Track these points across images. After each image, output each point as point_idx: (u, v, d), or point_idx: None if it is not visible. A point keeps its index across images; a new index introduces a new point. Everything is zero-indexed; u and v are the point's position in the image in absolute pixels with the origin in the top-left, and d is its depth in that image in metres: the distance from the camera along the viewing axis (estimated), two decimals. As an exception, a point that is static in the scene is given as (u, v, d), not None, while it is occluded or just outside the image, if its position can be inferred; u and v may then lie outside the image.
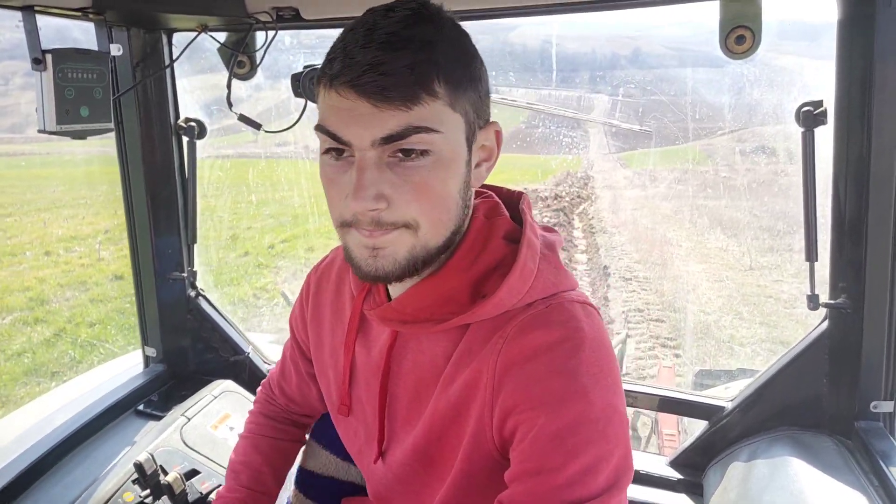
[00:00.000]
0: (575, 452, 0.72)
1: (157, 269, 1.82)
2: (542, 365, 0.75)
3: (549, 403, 0.73)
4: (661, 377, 5.86)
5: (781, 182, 7.53)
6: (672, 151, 11.63)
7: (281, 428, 1.20)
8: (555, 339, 0.76)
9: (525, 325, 0.78)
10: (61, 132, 1.26)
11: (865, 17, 1.21)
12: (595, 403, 0.73)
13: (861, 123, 1.26)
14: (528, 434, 0.74)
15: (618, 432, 0.74)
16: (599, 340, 0.77)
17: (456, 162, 0.75)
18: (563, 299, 0.80)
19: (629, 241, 9.37)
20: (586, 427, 0.72)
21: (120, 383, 1.80)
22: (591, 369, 0.74)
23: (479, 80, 0.78)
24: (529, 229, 0.83)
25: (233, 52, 1.54)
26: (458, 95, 0.74)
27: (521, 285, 0.79)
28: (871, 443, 1.31)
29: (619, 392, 0.77)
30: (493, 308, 0.79)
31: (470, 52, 0.77)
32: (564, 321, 0.77)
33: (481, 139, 0.80)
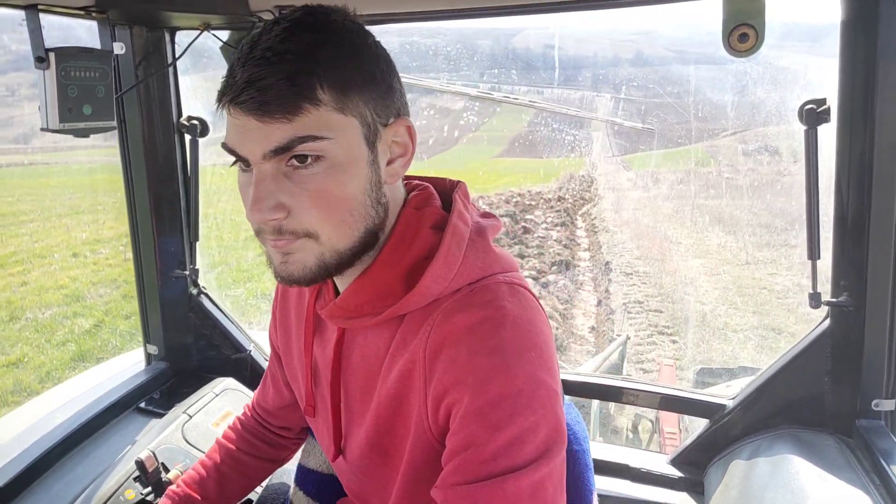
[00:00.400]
0: (498, 425, 0.72)
1: (160, 267, 1.82)
2: (464, 346, 0.75)
3: (473, 382, 0.74)
4: (662, 375, 5.87)
5: (782, 181, 7.77)
6: (674, 153, 11.65)
7: (250, 441, 1.20)
8: (476, 320, 0.76)
9: (449, 310, 0.78)
10: (64, 130, 1.26)
11: (869, 16, 1.21)
12: (517, 377, 0.73)
13: (864, 121, 1.26)
14: (456, 415, 0.75)
15: (545, 404, 0.74)
16: (525, 318, 0.77)
17: (354, 164, 0.76)
18: (490, 282, 0.81)
19: (630, 239, 9.56)
20: (509, 400, 0.73)
21: (122, 381, 1.80)
22: (513, 345, 0.75)
23: (377, 79, 0.78)
24: (457, 217, 0.83)
25: (235, 51, 1.54)
26: (347, 99, 0.74)
27: (445, 272, 0.80)
28: (872, 441, 1.31)
29: (546, 366, 0.76)
30: (420, 297, 0.80)
31: (361, 53, 0.77)
32: (486, 301, 0.78)
33: (388, 136, 0.80)
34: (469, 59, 13.14)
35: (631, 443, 4.51)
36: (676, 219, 10.01)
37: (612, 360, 5.64)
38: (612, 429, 4.68)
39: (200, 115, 1.75)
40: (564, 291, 7.85)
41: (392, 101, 0.80)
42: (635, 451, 1.70)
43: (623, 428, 4.76)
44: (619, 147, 14.73)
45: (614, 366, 5.65)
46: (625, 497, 1.56)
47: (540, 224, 10.42)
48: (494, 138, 18.07)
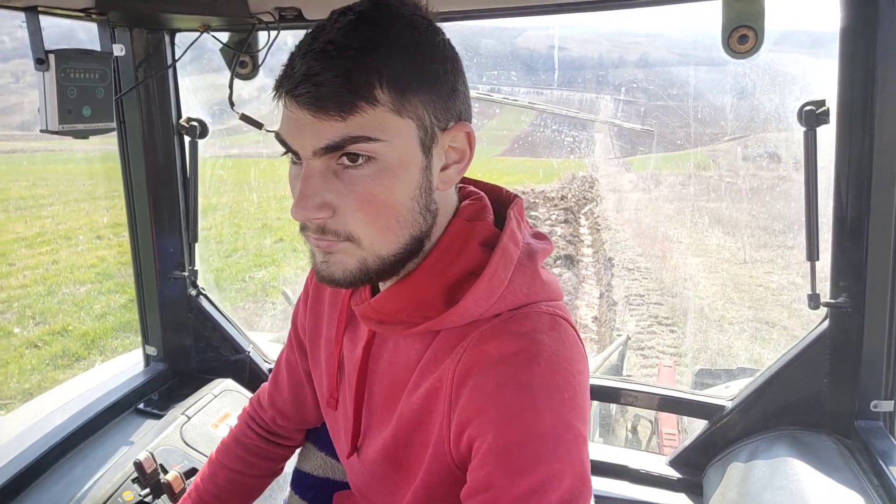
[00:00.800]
0: (521, 470, 0.68)
1: (159, 267, 1.82)
2: (493, 377, 0.72)
3: (497, 418, 0.70)
4: (661, 377, 5.87)
5: (781, 186, 7.94)
6: (676, 157, 11.72)
7: (250, 461, 1.17)
8: (510, 351, 0.73)
9: (484, 336, 0.75)
10: (63, 132, 1.26)
11: (868, 17, 1.22)
12: (544, 419, 0.69)
13: (863, 123, 1.26)
14: (479, 449, 0.71)
15: (571, 451, 0.70)
16: (561, 354, 0.74)
17: (406, 169, 0.73)
18: (531, 310, 0.77)
19: (632, 237, 9.84)
20: (534, 443, 0.69)
21: (120, 382, 1.80)
22: (545, 383, 0.71)
23: (438, 82, 0.74)
24: (509, 236, 0.80)
25: (235, 53, 1.54)
26: (406, 100, 0.71)
27: (488, 295, 0.77)
28: (871, 442, 1.31)
29: (577, 409, 0.72)
30: (458, 317, 0.77)
31: (424, 52, 0.73)
32: (524, 332, 0.74)
33: (446, 141, 0.76)
34: (468, 61, 13.13)
35: (630, 444, 4.51)
36: (677, 220, 10.27)
37: (612, 360, 5.65)
38: (611, 429, 4.68)
39: (200, 116, 1.76)
40: (569, 284, 8.26)
41: (454, 104, 0.76)
42: (634, 452, 1.70)
43: (622, 429, 4.76)
44: (621, 149, 14.79)
45: (614, 366, 5.66)
46: (623, 498, 1.56)
47: (544, 221, 10.76)
48: (496, 138, 18.12)
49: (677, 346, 6.65)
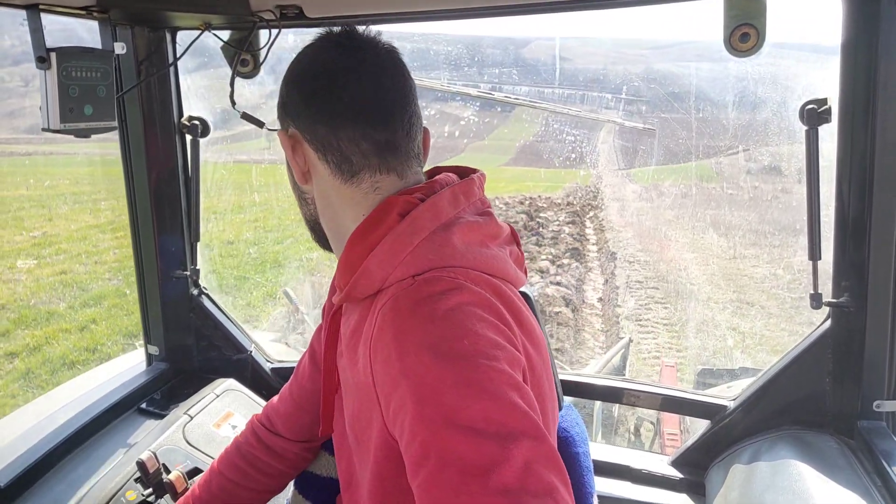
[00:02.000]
0: (444, 425, 0.67)
1: (161, 267, 1.82)
2: (395, 348, 0.73)
3: (408, 384, 0.71)
4: (663, 377, 5.87)
5: (781, 198, 8.83)
6: (679, 168, 12.04)
7: (247, 472, 1.18)
8: (405, 317, 0.75)
9: (388, 303, 0.78)
10: (65, 130, 1.26)
11: (870, 16, 1.21)
12: (448, 369, 0.70)
13: (865, 122, 1.26)
14: (405, 422, 0.71)
15: (486, 388, 0.69)
16: (458, 309, 0.75)
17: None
18: (434, 275, 0.79)
19: (633, 237, 10.68)
20: (446, 395, 0.69)
21: (122, 382, 1.80)
22: (443, 337, 0.72)
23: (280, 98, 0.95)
24: (427, 207, 0.83)
25: (236, 51, 1.54)
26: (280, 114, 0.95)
27: (390, 257, 0.81)
28: (873, 442, 1.31)
29: (482, 353, 0.72)
30: (364, 279, 0.82)
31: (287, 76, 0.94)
32: (423, 296, 0.76)
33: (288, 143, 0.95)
34: (470, 61, 13.29)
35: (632, 444, 4.51)
36: (676, 224, 10.88)
37: (615, 362, 5.65)
38: (613, 430, 4.69)
39: (201, 114, 1.75)
40: (577, 272, 9.27)
41: (283, 116, 0.95)
42: (636, 452, 1.70)
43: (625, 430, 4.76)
44: (625, 160, 15.03)
45: (616, 368, 5.66)
46: (625, 499, 1.56)
47: (553, 221, 11.51)
48: (501, 147, 18.19)
49: (669, 318, 7.63)
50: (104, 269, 10.05)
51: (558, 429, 1.20)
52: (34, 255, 10.22)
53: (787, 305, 7.52)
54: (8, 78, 19.31)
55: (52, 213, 12.69)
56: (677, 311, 7.93)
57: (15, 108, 20.55)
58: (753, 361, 6.50)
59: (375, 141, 0.88)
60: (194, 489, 1.18)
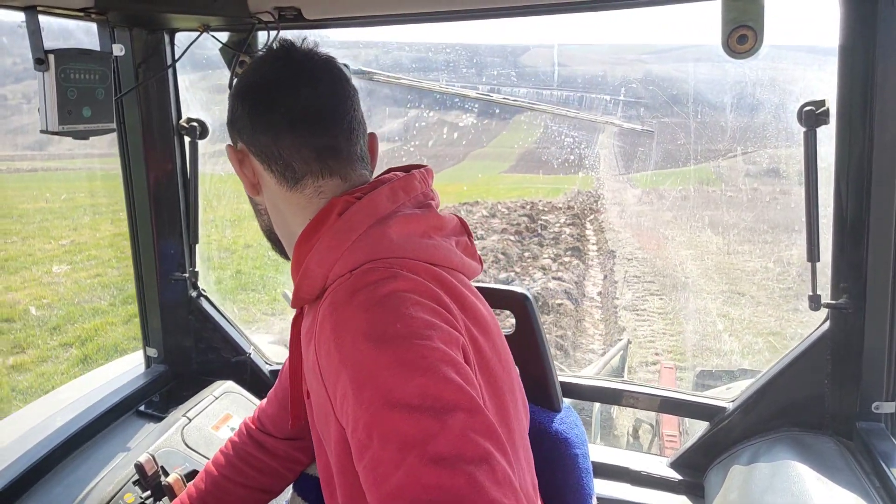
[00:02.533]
0: (386, 404, 0.69)
1: (159, 269, 1.82)
2: (333, 342, 0.76)
3: (347, 373, 0.73)
4: (662, 378, 5.87)
5: (773, 195, 9.52)
6: (678, 172, 12.38)
7: (238, 466, 1.19)
8: (344, 305, 0.77)
9: (328, 299, 0.80)
10: (63, 132, 1.26)
11: (867, 17, 1.21)
12: (384, 353, 0.72)
13: (863, 123, 1.26)
14: (348, 410, 0.73)
15: (420, 364, 0.71)
16: (392, 294, 0.77)
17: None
18: (370, 266, 0.82)
19: (632, 236, 11.28)
20: (384, 376, 0.70)
21: (121, 384, 1.80)
22: (377, 323, 0.74)
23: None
24: (364, 204, 0.86)
25: (235, 53, 1.54)
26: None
27: (327, 254, 0.84)
28: (872, 444, 1.31)
29: (415, 333, 0.74)
30: (307, 280, 0.85)
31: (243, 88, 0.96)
32: (358, 287, 0.79)
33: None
34: (469, 65, 13.41)
35: (631, 446, 4.50)
36: (674, 224, 11.35)
37: (614, 364, 5.65)
38: (612, 432, 4.69)
39: (200, 116, 1.75)
40: (578, 269, 9.76)
41: (232, 132, 0.98)
42: (635, 453, 1.69)
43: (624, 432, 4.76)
44: (625, 164, 15.26)
45: (615, 370, 5.66)
46: (624, 501, 1.56)
47: (554, 224, 11.99)
48: (502, 154, 18.25)
49: (664, 308, 8.22)
50: (135, 272, 10.49)
51: (557, 430, 1.20)
52: (67, 261, 10.47)
53: (776, 295, 7.98)
54: (10, 96, 19.35)
55: (75, 224, 12.91)
56: (671, 301, 8.52)
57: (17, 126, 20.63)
58: (740, 343, 6.96)
59: (315, 147, 0.91)
60: (190, 488, 1.19)
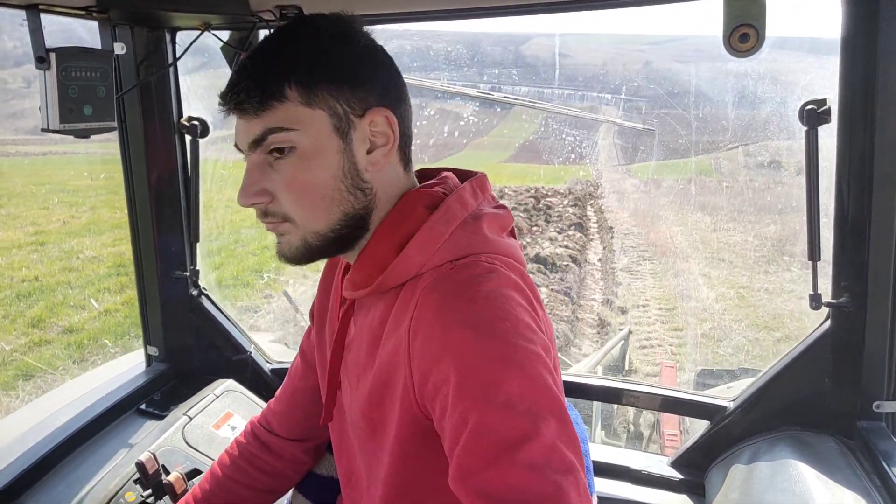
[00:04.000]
0: (483, 398, 0.73)
1: (160, 267, 1.82)
2: (438, 324, 0.77)
3: (452, 360, 0.75)
4: (663, 377, 5.87)
5: (767, 182, 10.57)
6: (677, 164, 12.91)
7: (242, 467, 1.18)
8: (449, 296, 0.79)
9: (428, 287, 0.81)
10: (64, 130, 1.26)
11: (869, 15, 1.21)
12: (489, 346, 0.75)
13: (864, 121, 1.26)
14: (447, 395, 0.76)
15: (524, 366, 0.74)
16: (498, 292, 0.79)
17: (322, 153, 0.84)
18: (470, 260, 0.83)
19: (629, 216, 12.97)
20: (486, 371, 0.74)
21: (122, 382, 1.80)
22: (486, 317, 0.76)
23: (347, 74, 0.85)
24: (455, 199, 0.87)
25: (236, 51, 1.54)
26: (314, 94, 0.83)
27: (428, 244, 0.84)
28: (873, 443, 1.31)
29: (521, 334, 0.77)
30: (403, 266, 0.85)
31: (332, 50, 0.85)
32: (462, 280, 0.80)
33: (365, 127, 0.86)
34: (470, 60, 13.50)
35: (632, 445, 4.51)
36: (669, 207, 12.57)
37: (614, 354, 5.66)
38: (613, 431, 4.70)
39: (201, 115, 1.75)
40: (581, 241, 11.20)
41: (367, 93, 0.85)
42: (636, 452, 1.70)
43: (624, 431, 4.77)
44: (624, 157, 15.49)
45: (616, 360, 5.67)
46: (625, 499, 1.56)
47: (558, 205, 13.16)
48: (501, 144, 18.29)
49: (655, 270, 9.94)
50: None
51: None
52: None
53: (751, 261, 9.49)
54: (10, 79, 19.33)
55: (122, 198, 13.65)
56: (661, 265, 10.19)
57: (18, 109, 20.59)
58: (715, 293, 8.37)
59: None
60: (195, 490, 1.18)
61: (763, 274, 8.96)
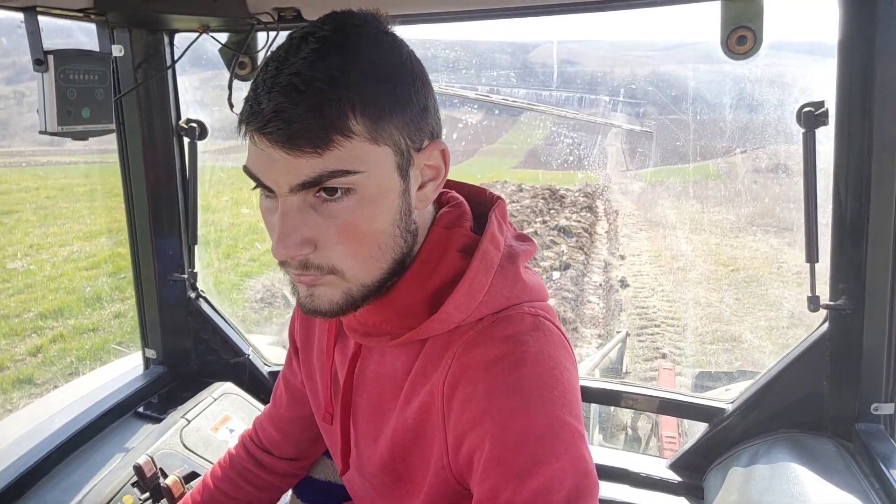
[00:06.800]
0: (523, 475, 0.67)
1: (158, 270, 1.82)
2: (481, 385, 0.71)
3: (493, 426, 0.70)
4: (661, 379, 5.87)
5: (770, 189, 11.40)
6: (681, 169, 13.49)
7: (237, 483, 1.15)
8: (495, 356, 0.72)
9: (469, 343, 0.75)
10: (62, 133, 1.26)
11: (867, 17, 1.21)
12: (538, 420, 0.69)
13: (862, 124, 1.26)
14: (480, 461, 0.71)
15: (569, 448, 0.69)
16: (546, 353, 0.73)
17: (385, 196, 0.71)
18: (514, 312, 0.77)
19: (634, 206, 14.58)
20: (532, 446, 0.68)
21: (120, 385, 1.79)
22: (534, 384, 0.71)
23: (410, 102, 0.71)
24: (489, 240, 0.79)
25: (234, 53, 1.54)
26: (381, 127, 0.69)
27: (469, 300, 0.76)
28: (871, 445, 1.31)
29: (568, 406, 0.72)
30: (440, 323, 0.77)
31: (394, 74, 0.70)
32: (507, 336, 0.74)
33: (421, 161, 0.75)
34: (468, 64, 13.69)
35: (630, 447, 4.51)
36: (668, 201, 14.07)
37: (612, 357, 5.66)
38: (610, 433, 4.70)
39: (199, 117, 1.75)
40: (591, 219, 13.14)
41: (426, 123, 0.74)
42: (634, 455, 1.69)
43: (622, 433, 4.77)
44: (633, 162, 15.92)
45: (613, 363, 5.67)
46: (623, 502, 1.56)
47: (570, 195, 14.81)
48: (511, 151, 18.44)
49: (650, 235, 12.23)
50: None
51: None
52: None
53: (728, 231, 11.31)
54: (28, 92, 19.38)
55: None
56: (655, 233, 12.41)
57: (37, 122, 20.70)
58: (694, 249, 10.92)
59: None
60: (186, 499, 1.16)
61: (733, 238, 11.21)
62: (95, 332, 7.77)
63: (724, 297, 9.11)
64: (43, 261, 9.89)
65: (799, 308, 7.61)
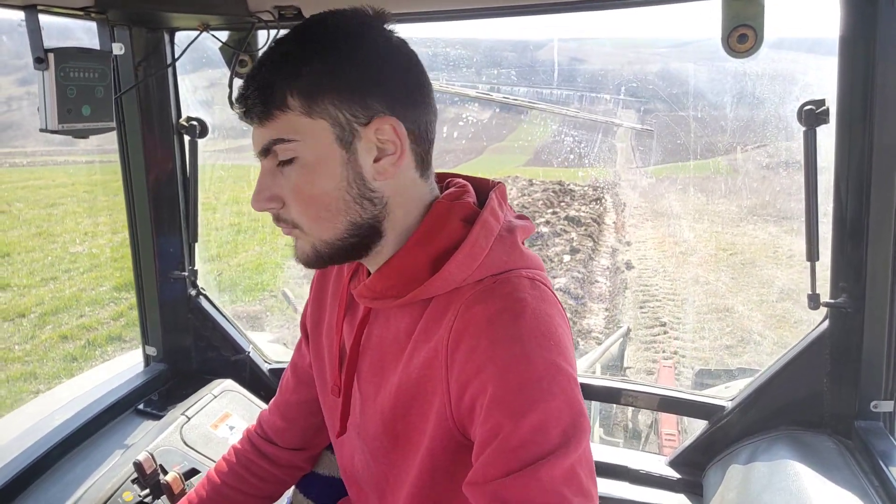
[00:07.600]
0: (522, 413, 0.74)
1: (159, 267, 1.82)
2: (484, 336, 0.78)
3: (495, 372, 0.76)
4: (661, 377, 5.88)
5: (772, 182, 11.53)
6: (688, 165, 13.78)
7: (240, 474, 1.17)
8: (496, 310, 0.79)
9: (471, 300, 0.81)
10: (63, 131, 1.26)
11: (868, 16, 1.21)
12: (536, 365, 0.76)
13: (863, 122, 1.26)
14: (482, 405, 0.77)
15: (565, 389, 0.77)
16: (542, 309, 0.81)
17: (323, 163, 0.82)
18: (512, 275, 0.84)
19: (640, 197, 15.03)
20: (531, 387, 0.75)
21: (120, 382, 1.80)
22: (532, 333, 0.78)
23: (354, 83, 0.81)
24: (489, 212, 0.87)
25: (234, 51, 1.54)
26: (315, 103, 0.80)
27: (469, 261, 0.83)
28: (871, 442, 1.31)
29: (563, 354, 0.79)
30: (442, 282, 0.83)
31: (338, 57, 0.81)
32: (507, 293, 0.81)
33: (370, 135, 0.82)
34: (469, 62, 13.74)
35: (630, 444, 4.52)
36: (672, 193, 14.36)
37: (612, 351, 5.67)
38: (610, 430, 4.71)
39: (199, 115, 1.75)
40: (599, 210, 13.67)
41: (373, 101, 0.82)
42: (634, 452, 1.70)
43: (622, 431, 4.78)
44: (642, 159, 16.05)
45: (614, 358, 5.68)
46: (623, 499, 1.56)
47: (580, 188, 15.24)
48: (520, 148, 18.50)
49: (654, 224, 12.89)
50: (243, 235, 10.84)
51: None
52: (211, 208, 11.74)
53: (727, 220, 11.53)
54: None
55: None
56: (658, 220, 13.00)
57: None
58: (695, 236, 11.57)
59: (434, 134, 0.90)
60: (191, 494, 1.17)
61: (733, 227, 11.51)
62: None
63: (721, 276, 9.60)
64: (102, 245, 10.31)
65: (789, 286, 8.33)
